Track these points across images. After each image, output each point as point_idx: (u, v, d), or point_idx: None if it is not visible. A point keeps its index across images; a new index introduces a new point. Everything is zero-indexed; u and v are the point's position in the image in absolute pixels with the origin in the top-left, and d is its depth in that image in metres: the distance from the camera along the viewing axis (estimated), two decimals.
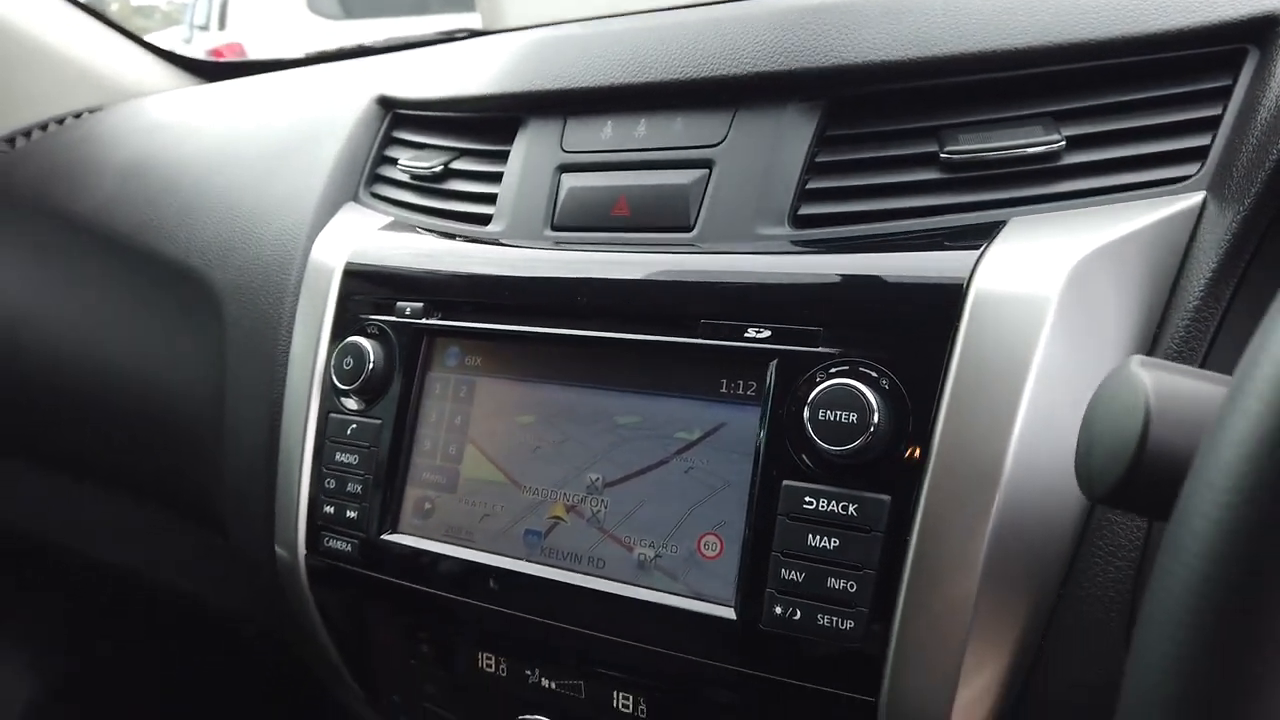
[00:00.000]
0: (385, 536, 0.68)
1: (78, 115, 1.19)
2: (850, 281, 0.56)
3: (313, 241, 0.80)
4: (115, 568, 1.13)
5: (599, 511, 0.61)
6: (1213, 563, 0.25)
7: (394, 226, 0.78)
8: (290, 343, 0.78)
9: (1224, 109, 0.54)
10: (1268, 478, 0.25)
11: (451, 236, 0.74)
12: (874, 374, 0.53)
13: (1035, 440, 0.50)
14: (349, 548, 0.70)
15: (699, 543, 0.58)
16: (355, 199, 0.85)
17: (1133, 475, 0.32)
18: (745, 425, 0.57)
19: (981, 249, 0.53)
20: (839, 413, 0.52)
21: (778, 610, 0.53)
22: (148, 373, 0.96)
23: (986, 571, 0.50)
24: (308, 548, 0.73)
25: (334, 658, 0.77)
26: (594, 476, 0.62)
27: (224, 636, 1.50)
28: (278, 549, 0.77)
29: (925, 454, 0.51)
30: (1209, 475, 0.26)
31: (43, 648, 1.46)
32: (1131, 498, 0.33)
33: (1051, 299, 0.51)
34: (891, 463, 0.52)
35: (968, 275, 0.52)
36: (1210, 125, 0.55)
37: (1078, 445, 0.36)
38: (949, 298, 0.52)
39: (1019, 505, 0.50)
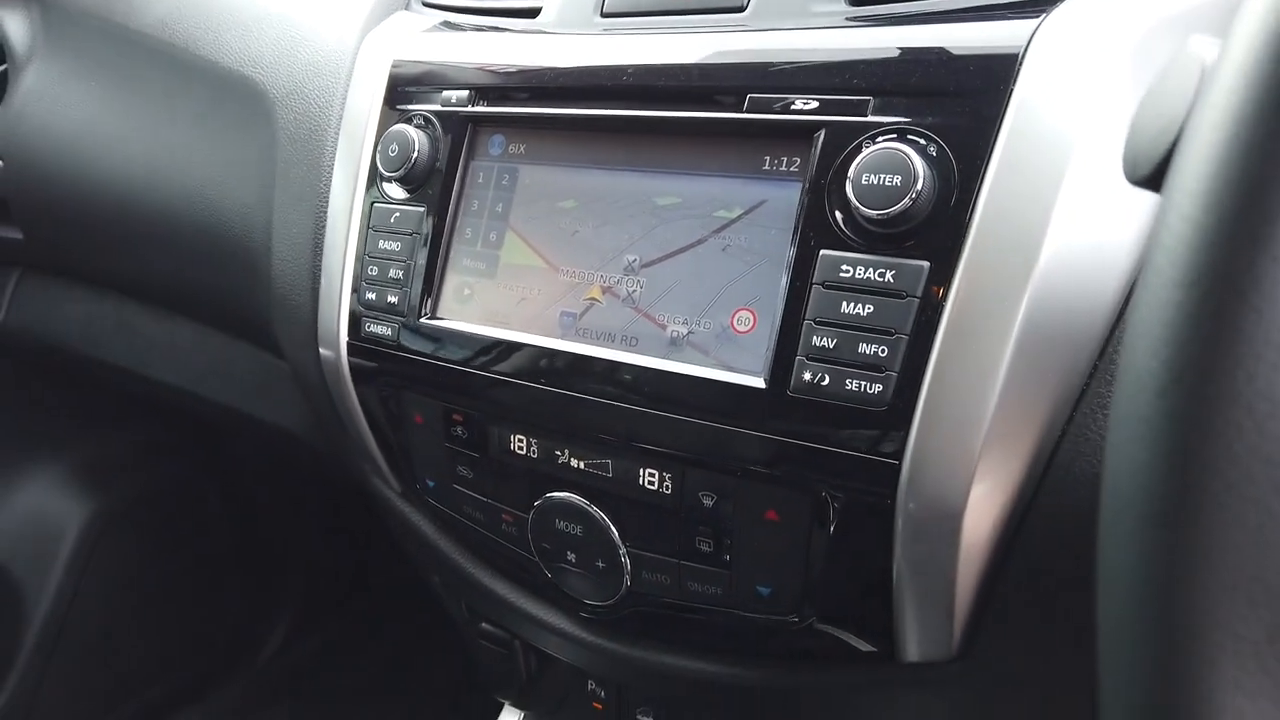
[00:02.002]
0: (424, 320, 0.69)
1: None
2: (904, 51, 0.54)
3: (362, 43, 0.80)
4: (170, 388, 1.17)
5: (634, 292, 0.61)
6: (1215, 177, 0.24)
7: (443, 26, 0.77)
8: (337, 143, 0.79)
9: None
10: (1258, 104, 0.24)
11: (499, 30, 0.73)
12: (921, 140, 0.52)
13: (1082, 210, 0.49)
14: (389, 332, 0.71)
15: (732, 318, 0.58)
16: (406, 8, 0.84)
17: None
18: (785, 201, 0.56)
19: (1042, 18, 0.51)
20: (883, 176, 0.51)
21: (806, 376, 0.53)
22: (202, 189, 0.98)
23: (1020, 340, 0.49)
24: (350, 335, 0.74)
25: (373, 450, 0.79)
26: (631, 258, 0.62)
27: (271, 452, 1.55)
28: (322, 350, 0.79)
29: (967, 221, 0.50)
30: (1202, 111, 0.25)
31: (99, 471, 1.53)
32: None
33: (1112, 70, 0.49)
34: (932, 229, 0.51)
35: (1025, 43, 0.51)
36: None
37: (1129, 130, 0.34)
38: (1003, 66, 0.51)
39: (1059, 275, 0.49)
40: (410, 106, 0.73)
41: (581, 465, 0.65)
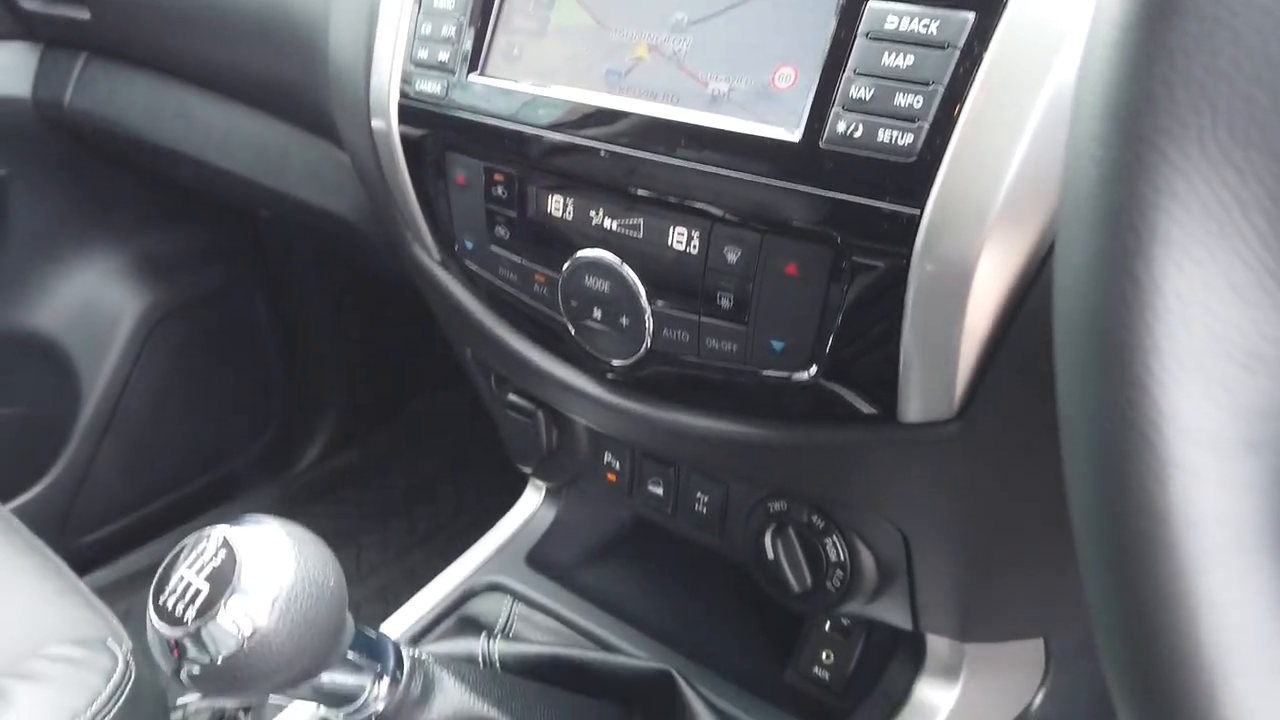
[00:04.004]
0: (473, 77, 0.71)
1: None
2: None
3: None
4: (226, 174, 1.20)
5: (680, 49, 0.62)
6: None
7: None
8: None
9: None
10: None
11: None
12: None
13: None
14: (438, 89, 0.73)
15: (774, 75, 0.59)
16: None
17: None
18: None
19: None
20: None
21: (840, 127, 0.54)
22: None
23: (1050, 100, 0.50)
24: (401, 94, 0.76)
25: (417, 217, 0.82)
26: (680, 15, 0.63)
27: (321, 252, 1.60)
28: (374, 121, 0.81)
29: None
30: None
31: (157, 266, 1.59)
32: None
33: None
34: None
35: None
36: None
37: None
38: None
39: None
40: None
41: (614, 225, 0.67)
